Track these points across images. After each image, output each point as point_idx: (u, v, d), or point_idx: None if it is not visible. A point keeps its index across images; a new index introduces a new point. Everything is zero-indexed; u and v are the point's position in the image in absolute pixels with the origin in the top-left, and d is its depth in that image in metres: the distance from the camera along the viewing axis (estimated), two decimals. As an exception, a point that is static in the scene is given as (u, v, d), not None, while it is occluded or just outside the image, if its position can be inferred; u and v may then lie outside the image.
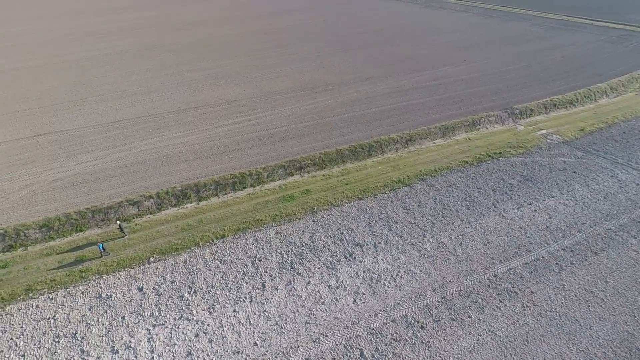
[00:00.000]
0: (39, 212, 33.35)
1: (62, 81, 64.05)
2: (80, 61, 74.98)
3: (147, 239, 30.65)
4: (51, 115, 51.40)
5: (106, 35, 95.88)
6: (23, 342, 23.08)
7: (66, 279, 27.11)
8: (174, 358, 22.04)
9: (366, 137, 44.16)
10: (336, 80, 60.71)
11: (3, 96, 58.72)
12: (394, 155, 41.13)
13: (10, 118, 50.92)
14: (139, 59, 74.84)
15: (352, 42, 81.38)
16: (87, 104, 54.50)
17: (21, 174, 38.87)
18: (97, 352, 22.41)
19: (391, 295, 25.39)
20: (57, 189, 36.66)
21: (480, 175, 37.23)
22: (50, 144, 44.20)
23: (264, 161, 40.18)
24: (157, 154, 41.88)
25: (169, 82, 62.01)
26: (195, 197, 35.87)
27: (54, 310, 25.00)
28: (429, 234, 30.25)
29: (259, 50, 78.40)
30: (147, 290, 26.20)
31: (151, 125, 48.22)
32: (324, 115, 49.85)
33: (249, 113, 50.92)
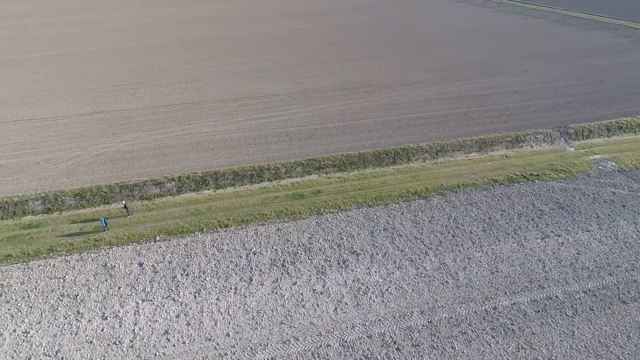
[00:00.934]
0: (77, 182, 37.01)
1: (128, 65, 70.27)
2: (147, 48, 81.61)
3: (159, 218, 32.60)
4: (110, 95, 56.66)
5: (177, 25, 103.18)
6: (34, 295, 25.87)
7: (82, 245, 29.83)
8: (152, 333, 23.26)
9: (395, 143, 42.61)
10: (380, 82, 59.26)
11: (75, 75, 65.96)
12: (418, 165, 39.19)
13: (76, 95, 57.07)
14: (198, 49, 79.47)
15: (408, 44, 78.75)
16: (143, 88, 59.20)
17: (72, 146, 43.40)
18: (90, 315, 24.40)
19: (375, 310, 24.32)
20: (98, 163, 40.38)
21: (508, 196, 34.06)
22: (102, 122, 48.78)
23: (285, 157, 40.59)
24: (189, 140, 44.25)
25: (219, 73, 65.06)
26: (213, 185, 37.32)
27: (66, 271, 27.67)
28: (432, 253, 28.42)
29: (312, 47, 79.08)
30: (146, 267, 27.89)
31: (192, 112, 51.03)
32: (358, 116, 48.97)
33: (284, 108, 51.69)
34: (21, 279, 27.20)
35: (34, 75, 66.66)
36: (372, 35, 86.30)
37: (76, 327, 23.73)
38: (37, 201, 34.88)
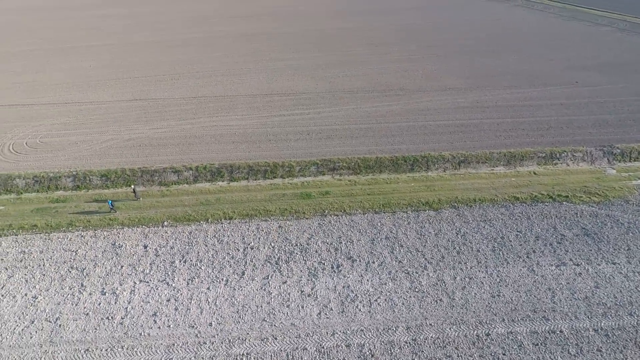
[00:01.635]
0: (106, 164, 39.62)
1: (171, 57, 73.97)
2: (191, 41, 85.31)
3: (170, 205, 34.03)
4: (151, 84, 59.98)
5: (221, 20, 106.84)
6: (48, 265, 28.10)
7: (98, 223, 31.90)
8: (141, 313, 24.37)
9: (416, 150, 41.15)
10: (412, 86, 57.47)
11: (123, 64, 70.50)
12: (435, 175, 37.54)
13: (121, 83, 61.03)
14: (238, 44, 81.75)
15: (448, 48, 75.62)
16: (181, 79, 62.05)
17: (108, 130, 46.51)
18: (91, 289, 26.07)
19: (359, 319, 23.69)
20: (127, 147, 42.93)
21: (528, 216, 31.61)
22: (139, 109, 51.77)
23: (302, 155, 40.66)
24: (214, 132, 45.71)
25: (254, 68, 66.51)
26: (228, 177, 38.28)
27: (79, 245, 29.76)
28: (431, 267, 27.12)
29: (351, 46, 78.44)
30: (150, 249, 29.26)
31: (222, 105, 52.66)
32: (383, 120, 47.86)
33: (311, 107, 51.77)
34: (41, 248, 29.64)
35: (88, 62, 72.22)
36: (415, 37, 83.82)
37: (77, 298, 25.44)
38: (68, 178, 37.81)
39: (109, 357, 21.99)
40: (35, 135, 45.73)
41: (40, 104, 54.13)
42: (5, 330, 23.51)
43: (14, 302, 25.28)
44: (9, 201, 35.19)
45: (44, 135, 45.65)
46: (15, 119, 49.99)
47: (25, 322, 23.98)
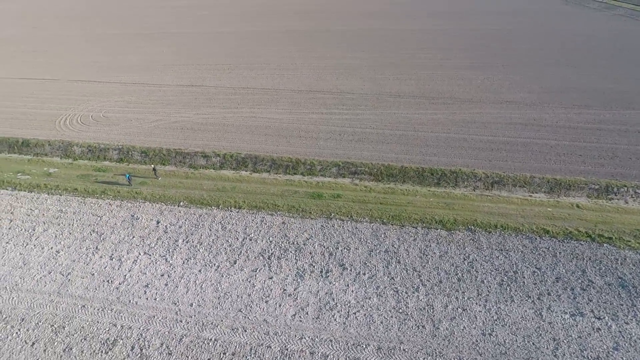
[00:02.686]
0: (148, 142, 43.19)
1: (226, 48, 77.83)
2: (251, 34, 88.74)
3: (190, 187, 36.09)
4: (207, 72, 63.86)
5: (281, 16, 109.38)
6: (76, 225, 31.62)
7: (126, 194, 35.03)
8: (136, 282, 26.37)
9: (447, 163, 38.62)
10: (466, 96, 53.76)
11: (189, 52, 75.80)
12: (460, 192, 34.82)
13: (183, 69, 65.86)
14: (295, 40, 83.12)
15: (523, 57, 69.15)
16: (236, 69, 65.09)
17: (160, 111, 50.58)
18: (102, 252, 28.82)
19: (331, 329, 23.09)
20: (171, 128, 46.34)
21: (554, 254, 27.93)
22: (191, 94, 55.49)
23: (327, 155, 40.44)
24: (251, 122, 47.35)
25: (306, 64, 67.30)
26: (252, 168, 39.49)
27: (104, 212, 32.99)
28: (424, 290, 25.36)
29: (413, 49, 75.56)
30: (161, 226, 31.41)
31: (265, 98, 54.26)
32: (422, 128, 45.57)
33: (351, 107, 51.09)
34: (75, 209, 33.42)
35: (161, 48, 78.98)
36: (484, 44, 78.02)
37: (89, 259, 28.30)
38: (115, 151, 41.98)
39: (98, 316, 24.19)
40: (100, 110, 51.40)
41: (112, 82, 60.66)
42: (27, 276, 27.02)
43: (40, 253, 28.92)
44: (64, 165, 40.14)
45: (107, 110, 51.11)
46: (90, 93, 56.64)
47: (44, 272, 27.32)
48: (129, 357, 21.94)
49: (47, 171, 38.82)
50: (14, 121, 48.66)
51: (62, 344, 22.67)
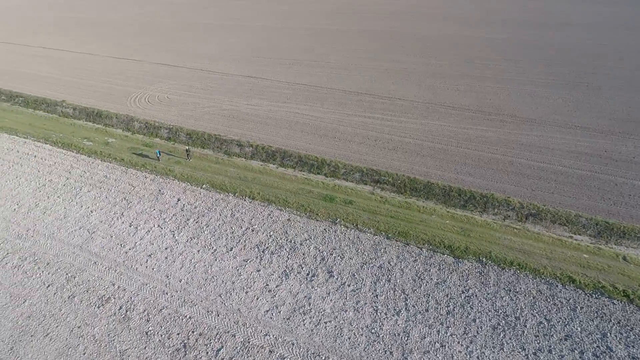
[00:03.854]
0: (195, 125, 46.68)
1: (294, 44, 79.62)
2: (318, 32, 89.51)
3: (216, 172, 38.22)
4: (268, 65, 66.49)
5: (360, 15, 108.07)
6: (112, 191, 35.62)
7: (161, 170, 38.40)
8: (143, 250, 28.98)
9: (481, 186, 35.45)
10: (529, 115, 48.46)
11: (259, 45, 79.38)
12: (483, 219, 31.67)
13: (246, 60, 69.40)
14: (361, 41, 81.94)
15: (610, 77, 59.84)
16: (296, 65, 66.71)
17: (215, 98, 54.19)
18: (125, 219, 32.12)
19: (297, 333, 22.97)
20: (219, 115, 49.43)
21: (573, 308, 24.11)
22: (248, 85, 58.41)
23: (355, 159, 39.80)
24: (292, 118, 48.39)
25: (366, 66, 66.28)
26: (279, 162, 40.46)
27: (138, 183, 36.59)
28: (405, 315, 23.81)
29: (482, 58, 69.92)
30: (180, 203, 33.92)
31: (315, 95, 54.89)
32: (466, 145, 42.29)
33: (396, 114, 49.36)
34: (117, 177, 37.63)
35: (236, 39, 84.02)
36: (573, 59, 68.92)
37: (113, 222, 31.77)
38: (165, 130, 46.14)
39: (103, 273, 27.13)
40: (166, 91, 56.75)
41: (184, 67, 66.44)
42: (63, 228, 31.29)
43: (78, 210, 33.22)
44: (121, 137, 45.29)
45: (171, 93, 56.25)
46: (163, 75, 62.79)
47: (76, 227, 31.37)
48: (115, 315, 24.30)
49: (107, 140, 44.17)
50: (96, 94, 56.09)
51: (69, 291, 25.92)
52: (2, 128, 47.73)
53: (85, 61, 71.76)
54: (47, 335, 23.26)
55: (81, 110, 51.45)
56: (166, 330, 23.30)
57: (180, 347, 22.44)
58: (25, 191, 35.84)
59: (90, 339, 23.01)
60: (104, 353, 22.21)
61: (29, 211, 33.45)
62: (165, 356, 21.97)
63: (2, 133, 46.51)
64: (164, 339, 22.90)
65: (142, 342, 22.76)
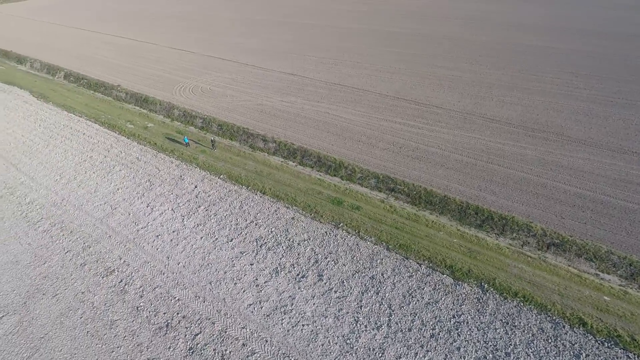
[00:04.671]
0: (228, 117, 48.56)
1: (342, 43, 79.07)
2: (369, 32, 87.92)
3: (235, 164, 39.49)
4: (312, 64, 66.97)
5: (405, 17, 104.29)
6: (140, 171, 38.28)
7: (186, 157, 40.55)
8: (153, 231, 30.92)
9: (504, 206, 33.01)
10: (578, 135, 43.98)
11: (300, 41, 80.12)
12: (494, 243, 29.41)
13: (290, 58, 70.45)
14: (416, 44, 79.25)
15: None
16: (339, 65, 66.52)
17: (252, 92, 55.90)
18: (144, 199, 34.45)
19: (273, 331, 23.18)
20: (253, 109, 50.94)
21: (577, 354, 21.56)
22: (286, 82, 59.45)
23: (374, 165, 38.98)
24: (321, 117, 48.48)
25: (412, 70, 64.23)
26: (299, 160, 40.83)
27: (164, 167, 38.97)
28: (385, 331, 22.96)
29: (539, 70, 64.43)
30: (195, 191, 35.61)
31: (349, 97, 54.44)
32: (497, 161, 39.52)
33: (429, 122, 47.41)
34: (147, 159, 40.42)
35: (287, 36, 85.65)
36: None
37: (133, 201, 34.22)
38: (200, 119, 48.57)
39: (114, 247, 29.39)
40: (210, 83, 59.61)
41: (230, 60, 69.27)
42: (91, 201, 34.32)
43: (107, 186, 36.23)
44: (159, 122, 48.47)
45: (214, 84, 58.98)
46: (211, 67, 66.01)
47: (102, 202, 34.26)
48: (115, 286, 26.24)
49: (146, 125, 47.52)
50: (148, 81, 60.48)
51: (82, 259, 28.45)
52: (64, 106, 53.35)
53: (145, 50, 77.63)
54: (55, 296, 25.75)
55: (132, 95, 55.81)
56: (155, 308, 24.70)
57: (163, 325, 23.68)
58: (69, 164, 39.79)
59: (89, 305, 25.08)
60: (97, 320, 24.11)
61: (67, 182, 37.13)
62: (148, 332, 23.32)
63: (63, 111, 51.99)
64: (151, 315, 24.29)
65: (132, 316, 24.34)
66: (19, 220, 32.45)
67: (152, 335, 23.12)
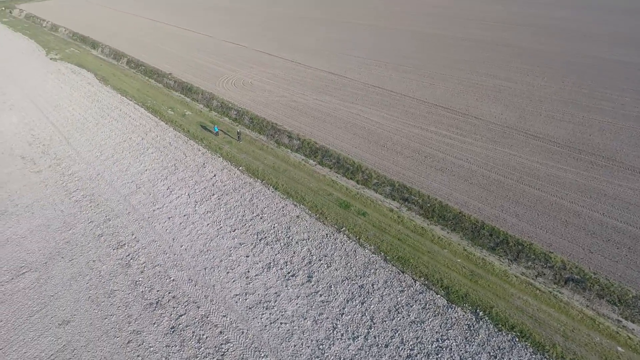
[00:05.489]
0: (262, 111, 49.89)
1: (390, 45, 77.06)
2: (423, 36, 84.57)
3: (256, 157, 40.52)
4: (353, 64, 66.41)
5: (462, 21, 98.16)
6: (169, 155, 40.75)
7: (213, 146, 42.39)
8: (166, 212, 32.89)
9: (525, 231, 30.51)
10: (635, 163, 39.14)
11: (349, 42, 79.42)
12: (501, 269, 27.19)
13: (335, 58, 70.33)
14: (472, 51, 75.06)
15: None
16: (382, 67, 65.21)
17: (290, 89, 56.82)
18: (166, 182, 36.65)
19: (251, 324, 23.65)
20: (285, 105, 51.84)
21: (567, 404, 19.42)
22: (325, 81, 59.59)
23: (393, 172, 37.94)
24: (351, 119, 48.02)
25: (455, 77, 61.16)
26: (318, 160, 40.92)
27: (190, 154, 41.12)
28: (358, 344, 22.35)
29: (601, 85, 57.91)
30: (213, 179, 37.19)
31: (385, 100, 53.26)
32: (529, 181, 36.48)
33: (463, 133, 44.95)
34: (177, 145, 42.91)
35: (334, 35, 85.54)
36: None
37: (157, 182, 36.60)
38: (234, 111, 50.48)
39: (129, 223, 31.71)
40: (253, 77, 61.60)
41: (277, 56, 70.88)
42: (120, 179, 37.30)
43: (137, 166, 39.10)
44: (196, 111, 51.11)
45: (256, 79, 60.85)
46: (257, 62, 68.15)
47: (129, 180, 37.09)
48: (122, 259, 28.38)
49: (184, 113, 50.42)
50: (196, 71, 64.00)
51: (100, 230, 31.10)
52: (119, 89, 58.32)
53: (201, 41, 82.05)
54: (71, 260, 28.45)
55: (179, 83, 59.45)
56: (150, 285, 26.32)
57: (154, 302, 25.17)
58: (110, 143, 43.53)
59: (96, 273, 27.39)
60: (99, 287, 26.27)
61: (105, 159, 40.67)
62: (139, 306, 24.94)
63: (117, 94, 56.88)
64: (146, 291, 25.93)
65: (129, 288, 26.18)
66: (59, 189, 36.21)
67: (142, 310, 24.68)
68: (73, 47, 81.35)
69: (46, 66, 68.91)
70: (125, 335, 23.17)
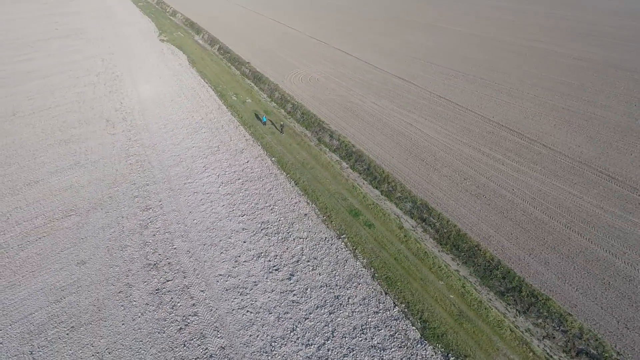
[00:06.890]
0: (315, 108, 50.85)
1: (467, 53, 70.61)
2: (511, 46, 75.30)
3: (290, 151, 41.61)
4: (423, 71, 63.02)
5: (587, 36, 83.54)
6: (216, 138, 44.23)
7: (257, 134, 44.72)
8: (193, 188, 36.01)
9: (548, 283, 26.47)
10: None
11: (431, 49, 74.88)
12: (494, 317, 23.80)
13: (409, 61, 67.47)
14: (569, 69, 65.08)
15: None
16: (457, 78, 60.75)
17: (350, 89, 56.64)
18: (205, 160, 39.96)
19: (221, 305, 24.97)
20: (340, 105, 51.92)
21: None
22: (388, 85, 57.93)
23: (422, 190, 35.79)
24: (400, 128, 46.16)
25: (539, 98, 53.97)
26: (351, 163, 40.45)
27: (234, 138, 43.98)
28: (311, 352, 22.04)
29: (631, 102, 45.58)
30: (245, 165, 39.40)
31: (448, 114, 49.79)
32: (580, 228, 31.22)
33: (521, 161, 39.97)
34: (228, 129, 46.20)
35: (418, 40, 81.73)
36: None
37: (196, 159, 40.12)
38: (290, 105, 52.29)
39: (161, 190, 35.51)
40: (320, 73, 62.81)
41: (352, 55, 70.80)
42: (169, 151, 41.75)
43: (187, 143, 43.24)
44: (255, 100, 54.19)
45: (322, 75, 61.93)
46: (328, 59, 69.14)
47: (176, 153, 41.28)
48: (143, 220, 32.11)
49: (245, 100, 53.88)
50: (273, 64, 67.54)
51: (137, 193, 35.49)
52: (201, 72, 64.70)
53: (291, 36, 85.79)
54: (107, 213, 33.14)
55: (253, 72, 63.54)
56: (155, 248, 29.38)
57: (152, 263, 28.10)
58: (174, 119, 48.87)
59: (120, 227, 31.50)
60: (117, 240, 30.20)
61: (165, 132, 45.86)
62: (140, 264, 28.09)
63: (198, 76, 63.20)
64: (150, 252, 29.04)
65: (139, 246, 29.59)
66: (122, 151, 42.09)
67: (141, 268, 27.76)
68: (180, 32, 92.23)
69: (154, 46, 79.58)
70: (119, 285, 26.41)
